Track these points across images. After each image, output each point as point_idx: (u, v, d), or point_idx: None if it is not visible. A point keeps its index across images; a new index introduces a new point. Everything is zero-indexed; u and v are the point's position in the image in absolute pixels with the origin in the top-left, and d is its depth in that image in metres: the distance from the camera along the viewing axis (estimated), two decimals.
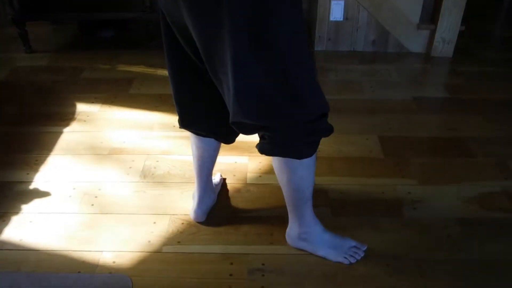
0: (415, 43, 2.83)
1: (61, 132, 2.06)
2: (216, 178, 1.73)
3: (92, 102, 2.31)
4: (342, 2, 2.68)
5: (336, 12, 2.70)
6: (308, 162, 1.27)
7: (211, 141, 1.45)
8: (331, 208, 1.63)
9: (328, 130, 1.24)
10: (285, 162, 1.27)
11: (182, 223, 1.56)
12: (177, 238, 1.50)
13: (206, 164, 1.52)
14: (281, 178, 1.34)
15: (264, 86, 1.10)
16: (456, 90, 2.52)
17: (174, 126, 2.10)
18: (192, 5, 1.06)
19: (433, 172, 1.84)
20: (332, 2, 2.67)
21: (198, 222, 1.56)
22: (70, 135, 2.05)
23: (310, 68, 1.15)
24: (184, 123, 1.42)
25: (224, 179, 1.78)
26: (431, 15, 2.80)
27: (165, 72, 2.61)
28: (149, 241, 1.49)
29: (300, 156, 1.25)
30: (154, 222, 1.57)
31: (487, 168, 1.88)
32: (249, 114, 1.13)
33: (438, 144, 2.04)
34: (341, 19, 2.74)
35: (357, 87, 2.49)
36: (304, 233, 1.42)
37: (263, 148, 1.26)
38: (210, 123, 1.39)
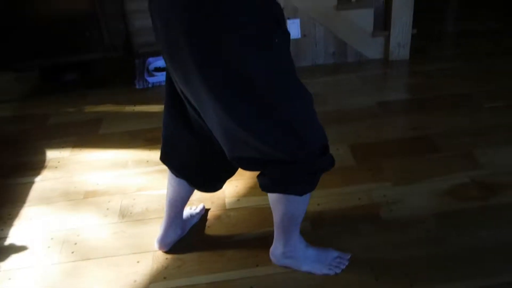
0: (373, 50, 2.93)
1: (32, 182, 2.04)
2: (197, 209, 1.74)
3: (62, 147, 2.29)
4: (298, 21, 2.75)
5: (293, 31, 2.76)
6: (307, 195, 1.29)
7: (185, 184, 1.47)
8: (311, 222, 1.66)
9: (330, 164, 1.25)
10: (284, 195, 1.28)
11: (166, 258, 1.56)
12: (162, 274, 1.50)
13: (176, 203, 1.53)
14: (276, 207, 1.34)
15: (256, 127, 1.12)
16: (417, 90, 2.60)
17: (147, 161, 2.10)
18: (173, 60, 1.10)
19: (404, 172, 1.90)
20: (288, 21, 2.74)
21: (182, 254, 1.56)
22: (42, 184, 2.03)
23: (300, 102, 1.16)
24: (164, 158, 1.45)
25: (207, 210, 1.78)
26: (383, 22, 2.90)
27: (133, 108, 2.62)
28: (135, 281, 1.48)
29: (301, 192, 1.25)
30: (138, 261, 1.56)
31: (455, 160, 1.94)
32: (243, 155, 1.17)
33: (406, 145, 2.10)
34: (299, 37, 2.81)
35: (322, 99, 2.54)
36: (289, 251, 1.44)
37: (263, 184, 1.27)
38: (190, 169, 1.41)
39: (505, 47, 3.06)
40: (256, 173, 1.28)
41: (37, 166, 2.17)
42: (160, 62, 2.94)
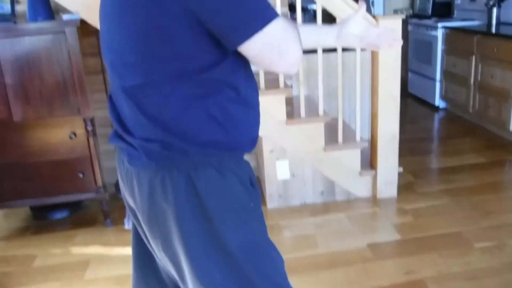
0: (361, 188, 3.00)
1: None
2: None
3: None
4: (286, 162, 2.85)
5: (282, 171, 2.85)
6: None
7: None
8: None
9: None
10: None
11: None
12: None
13: None
14: None
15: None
16: (407, 230, 2.61)
17: None
18: (144, 215, 1.13)
19: None
20: (277, 163, 2.84)
21: None
22: None
23: (269, 271, 1.16)
24: None
25: None
26: (370, 161, 3.02)
27: (121, 251, 2.58)
28: None
29: None
30: None
31: None
32: None
33: None
34: (288, 177, 2.89)
35: (312, 241, 2.54)
36: None
37: None
38: None
39: (489, 182, 3.16)
40: None
41: None
42: None
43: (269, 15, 0.96)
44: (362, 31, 1.24)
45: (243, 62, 1.07)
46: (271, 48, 0.98)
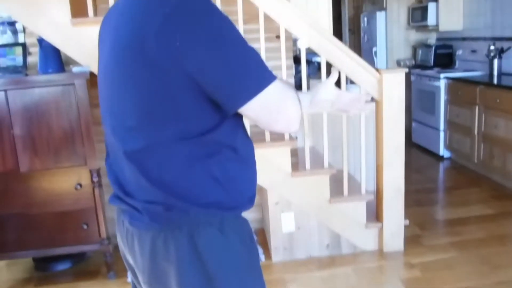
0: (367, 241, 2.96)
1: None
2: None
3: None
4: (292, 214, 2.83)
5: (287, 224, 2.83)
6: None
7: None
8: None
9: None
10: None
11: None
12: None
13: None
14: None
15: None
16: (415, 285, 2.56)
17: None
18: (145, 275, 1.12)
19: None
20: (282, 215, 2.82)
21: None
22: None
23: None
24: None
25: None
26: (376, 213, 2.99)
27: None
28: None
29: None
30: None
31: None
32: None
33: None
34: (293, 230, 2.87)
35: None
36: None
37: None
38: None
39: (497, 234, 3.11)
40: None
41: None
42: None
43: (267, 78, 1.00)
44: (334, 96, 1.28)
45: (241, 121, 1.11)
46: (269, 108, 1.01)
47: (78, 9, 2.59)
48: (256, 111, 1.01)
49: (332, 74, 1.28)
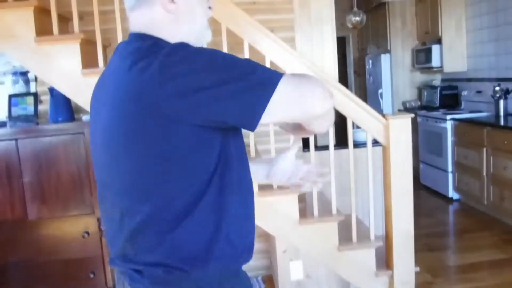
0: None
1: None
2: None
3: None
4: (300, 262, 2.79)
5: (296, 272, 2.78)
6: None
7: None
8: None
9: None
10: None
11: None
12: None
13: None
14: None
15: None
16: None
17: None
18: None
19: None
20: (290, 263, 2.78)
21: None
22: None
23: None
24: None
25: None
26: (386, 260, 2.94)
27: None
28: None
29: None
30: None
31: None
32: None
33: None
34: (302, 278, 2.82)
35: None
36: None
37: None
38: None
39: (511, 280, 3.03)
40: None
41: None
42: None
43: (273, 80, 0.97)
44: (293, 168, 1.31)
45: (244, 179, 1.11)
46: (291, 101, 0.98)
47: (88, 59, 2.66)
48: (284, 112, 0.98)
49: (292, 146, 1.31)
